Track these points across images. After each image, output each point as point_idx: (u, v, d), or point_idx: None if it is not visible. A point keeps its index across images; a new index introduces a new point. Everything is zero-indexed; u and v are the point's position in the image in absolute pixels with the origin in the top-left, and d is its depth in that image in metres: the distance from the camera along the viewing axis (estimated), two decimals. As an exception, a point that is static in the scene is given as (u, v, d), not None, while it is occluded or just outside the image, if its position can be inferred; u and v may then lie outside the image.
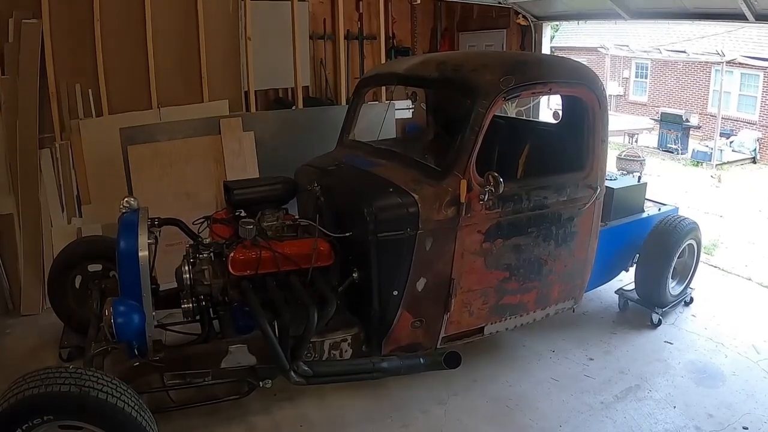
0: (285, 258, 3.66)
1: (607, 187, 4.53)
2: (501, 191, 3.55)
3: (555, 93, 4.29)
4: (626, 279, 5.41)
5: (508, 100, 3.82)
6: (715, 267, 6.78)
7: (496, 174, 3.53)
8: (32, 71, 5.29)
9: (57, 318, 4.64)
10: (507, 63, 4.03)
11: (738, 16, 6.05)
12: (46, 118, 5.47)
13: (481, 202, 3.67)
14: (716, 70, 18.87)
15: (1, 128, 5.23)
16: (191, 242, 3.93)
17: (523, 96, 3.98)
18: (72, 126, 5.59)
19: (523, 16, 8.47)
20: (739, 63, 17.69)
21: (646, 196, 5.40)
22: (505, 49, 8.84)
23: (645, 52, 19.27)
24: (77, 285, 4.60)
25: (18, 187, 5.25)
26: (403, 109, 7.16)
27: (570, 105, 4.50)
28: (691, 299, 5.52)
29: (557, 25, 17.52)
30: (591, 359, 4.62)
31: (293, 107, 7.07)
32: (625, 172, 5.58)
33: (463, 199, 3.60)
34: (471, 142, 3.62)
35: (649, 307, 5.13)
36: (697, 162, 16.23)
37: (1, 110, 5.22)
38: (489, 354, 4.60)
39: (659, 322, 5.09)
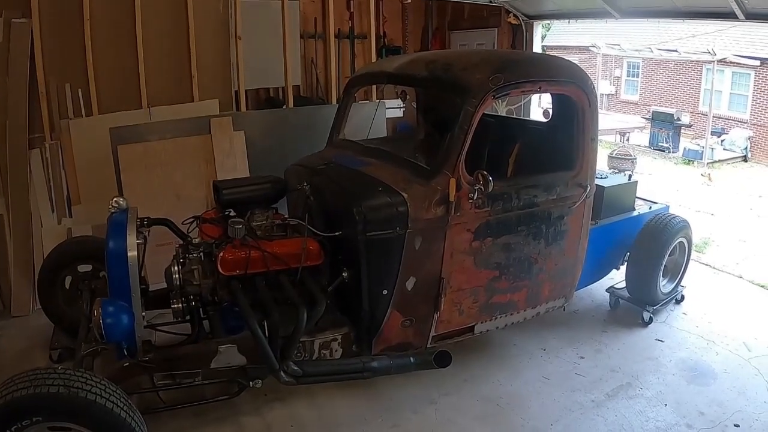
0: (274, 257, 3.65)
1: (597, 185, 4.54)
2: (490, 190, 3.56)
3: (544, 91, 4.29)
4: (617, 277, 5.42)
5: (497, 98, 3.82)
6: (707, 265, 6.82)
7: (486, 172, 3.54)
8: (22, 71, 5.25)
9: (47, 319, 4.61)
10: (496, 62, 4.02)
11: (728, 15, 6.07)
12: (35, 118, 5.43)
13: (470, 201, 3.67)
14: (707, 69, 18.94)
15: (-10, 128, 5.21)
16: (181, 242, 3.92)
17: (512, 95, 3.99)
18: (62, 126, 5.55)
19: (514, 15, 8.47)
20: (730, 62, 17.75)
21: (637, 195, 5.41)
22: (496, 48, 8.84)
23: (636, 51, 19.31)
24: (67, 286, 4.57)
25: (8, 188, 5.24)
26: (394, 108, 7.16)
27: (560, 103, 4.51)
28: (682, 297, 5.54)
29: (548, 24, 17.53)
30: (582, 358, 4.63)
31: (284, 106, 7.05)
32: (616, 171, 5.60)
33: (452, 198, 3.59)
34: (460, 141, 3.62)
35: (640, 305, 5.14)
36: (689, 160, 16.29)
37: (-10, 110, 5.20)
38: (480, 353, 4.60)
39: (650, 320, 5.10)
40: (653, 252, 4.98)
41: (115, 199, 3.64)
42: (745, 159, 17.33)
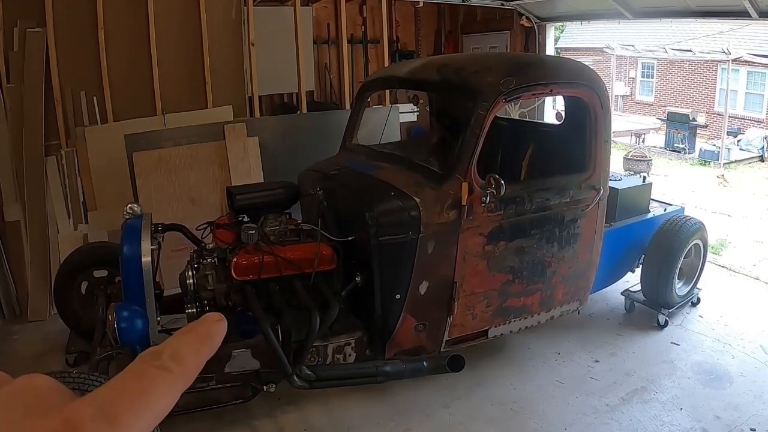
0: (287, 262, 3.67)
1: (611, 187, 4.52)
2: (502, 193, 3.54)
3: (556, 94, 4.28)
4: (632, 280, 5.38)
5: (508, 101, 3.81)
6: (723, 267, 6.74)
7: (497, 176, 3.52)
8: (37, 79, 5.32)
9: (63, 323, 4.66)
10: (507, 65, 4.02)
11: (741, 14, 6.03)
12: (51, 126, 5.49)
13: (482, 205, 3.66)
14: (722, 69, 18.78)
15: (7, 136, 5.27)
16: (195, 248, 3.94)
17: (523, 98, 3.98)
18: (77, 133, 5.61)
19: (527, 18, 8.46)
20: (745, 61, 17.58)
21: (652, 197, 5.38)
22: (509, 51, 8.84)
23: (651, 51, 19.19)
24: (83, 291, 4.62)
25: (25, 195, 5.29)
26: (408, 112, 7.17)
27: (572, 106, 4.49)
28: (698, 300, 5.49)
29: (562, 26, 17.52)
30: (596, 361, 4.60)
31: (297, 112, 7.08)
32: (631, 173, 5.57)
33: (464, 202, 3.59)
34: (472, 145, 3.62)
35: (655, 308, 5.10)
36: (705, 161, 16.13)
37: (7, 118, 5.26)
38: (493, 357, 4.58)
39: (666, 324, 5.07)
40: (668, 254, 4.94)
41: (129, 205, 3.67)
42: (761, 159, 17.11)
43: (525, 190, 3.94)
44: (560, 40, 20.77)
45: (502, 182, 3.50)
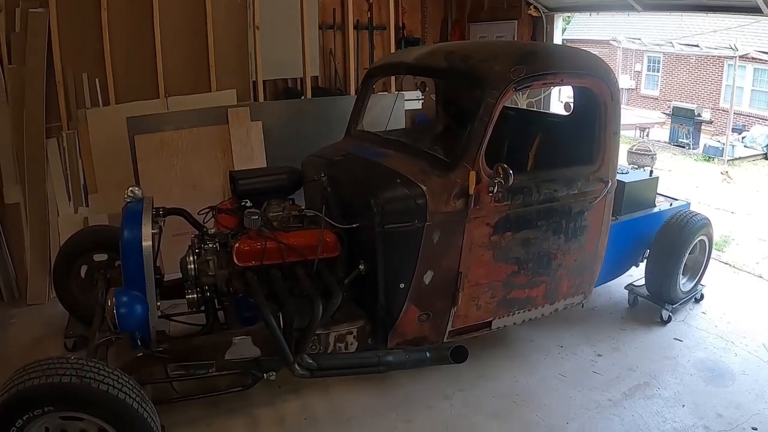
0: (290, 249, 3.63)
1: (618, 180, 4.47)
2: (510, 183, 3.49)
3: (566, 84, 4.22)
4: (636, 274, 5.33)
5: (518, 90, 3.76)
6: (726, 264, 6.69)
7: (506, 166, 3.48)
8: (39, 61, 5.26)
9: (63, 308, 4.61)
10: (517, 53, 3.96)
11: (753, 9, 5.97)
12: (52, 108, 5.45)
13: (490, 194, 3.62)
14: (729, 65, 18.72)
15: (8, 118, 5.22)
16: (197, 232, 3.90)
17: (533, 87, 3.92)
18: (79, 115, 5.56)
19: (535, 7, 8.38)
20: (752, 58, 17.53)
21: (658, 191, 5.33)
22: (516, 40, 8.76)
23: (657, 45, 19.10)
24: (83, 274, 4.58)
25: (25, 177, 5.24)
26: (413, 99, 7.11)
27: (581, 96, 4.43)
28: (702, 296, 5.44)
29: (569, 17, 17.42)
30: (599, 355, 4.56)
31: (302, 97, 7.03)
32: (636, 166, 5.51)
33: (471, 191, 3.55)
34: (480, 134, 3.57)
35: (659, 303, 5.05)
36: (709, 157, 16.09)
37: (8, 100, 5.21)
38: (496, 349, 4.55)
39: (669, 319, 5.02)
40: (673, 250, 4.88)
41: (130, 188, 3.62)
42: (765, 156, 17.06)
43: (532, 181, 3.89)
44: (567, 31, 20.64)
45: (511, 172, 3.46)
